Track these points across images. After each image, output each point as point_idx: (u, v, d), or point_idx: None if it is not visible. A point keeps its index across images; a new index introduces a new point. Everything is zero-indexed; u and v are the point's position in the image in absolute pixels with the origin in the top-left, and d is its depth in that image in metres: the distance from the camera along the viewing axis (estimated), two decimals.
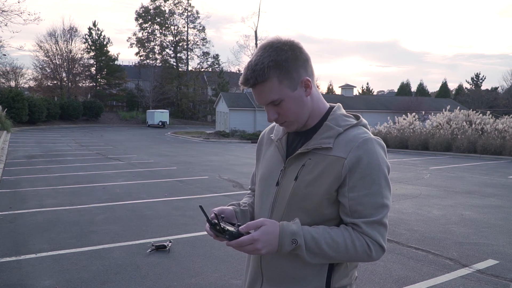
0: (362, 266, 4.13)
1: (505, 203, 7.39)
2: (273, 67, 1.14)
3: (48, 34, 50.69)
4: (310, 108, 1.24)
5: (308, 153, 1.22)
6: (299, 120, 1.22)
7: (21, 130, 30.00)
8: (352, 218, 1.16)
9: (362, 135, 1.19)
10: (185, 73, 59.64)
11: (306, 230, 1.14)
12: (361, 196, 1.15)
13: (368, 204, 1.15)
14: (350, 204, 1.16)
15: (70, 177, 9.61)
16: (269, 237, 1.11)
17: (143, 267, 3.99)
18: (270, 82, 1.15)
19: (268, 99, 1.17)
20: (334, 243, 1.13)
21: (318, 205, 1.19)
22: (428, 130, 20.03)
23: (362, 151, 1.15)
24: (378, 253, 1.16)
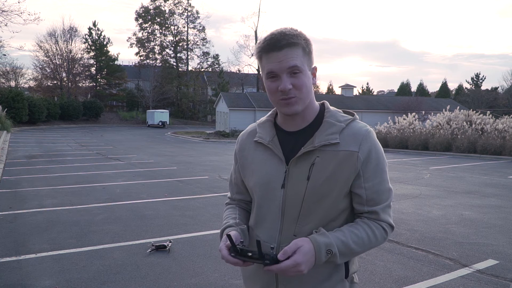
0: (362, 266, 4.13)
1: (505, 203, 7.39)
2: (303, 39, 1.20)
3: (48, 34, 50.69)
4: (312, 97, 1.26)
5: (314, 152, 1.21)
6: (304, 101, 1.22)
7: (21, 130, 30.00)
8: (369, 207, 1.24)
9: (364, 128, 1.25)
10: (185, 73, 59.62)
11: (334, 237, 1.17)
12: (375, 184, 1.23)
13: (381, 191, 1.24)
14: (366, 194, 1.23)
15: (70, 177, 9.61)
16: (308, 256, 1.12)
17: (143, 267, 3.99)
18: (298, 49, 1.18)
19: (293, 63, 1.16)
20: (359, 239, 1.20)
21: (335, 201, 1.23)
22: (428, 130, 20.03)
23: (369, 142, 1.22)
24: (390, 233, 1.27)
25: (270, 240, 1.26)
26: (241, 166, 1.39)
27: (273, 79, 1.19)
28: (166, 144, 22.59)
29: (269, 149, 1.29)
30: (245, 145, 1.39)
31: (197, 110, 59.86)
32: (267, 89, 1.23)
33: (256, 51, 1.22)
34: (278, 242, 1.25)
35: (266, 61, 1.19)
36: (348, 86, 39.75)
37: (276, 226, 1.26)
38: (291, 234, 1.23)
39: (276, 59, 1.16)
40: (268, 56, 1.18)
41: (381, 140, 21.06)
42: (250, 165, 1.34)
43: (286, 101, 1.19)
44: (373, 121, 29.77)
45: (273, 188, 1.26)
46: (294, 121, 1.27)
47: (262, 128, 1.34)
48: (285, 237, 1.24)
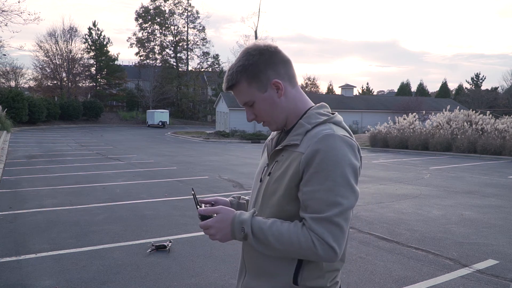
0: (362, 266, 4.13)
1: (505, 203, 7.39)
2: (240, 71, 1.25)
3: (48, 34, 50.74)
4: (286, 108, 1.29)
5: (281, 151, 1.27)
6: (275, 120, 1.30)
7: (21, 130, 30.01)
8: (304, 213, 1.16)
9: (324, 131, 1.19)
10: (185, 73, 59.64)
11: (256, 221, 1.18)
12: (314, 191, 1.14)
13: (319, 200, 1.13)
14: (303, 199, 1.16)
15: (70, 177, 9.61)
16: (222, 225, 1.20)
17: (143, 267, 4.00)
18: (240, 85, 1.26)
19: (241, 101, 1.29)
20: (280, 235, 1.14)
21: (281, 201, 1.21)
22: (428, 130, 20.02)
23: (319, 146, 1.15)
24: (326, 253, 1.12)
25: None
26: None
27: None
28: (166, 144, 22.60)
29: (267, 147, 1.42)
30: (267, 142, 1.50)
31: (197, 110, 59.88)
32: None
33: None
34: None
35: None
36: (348, 86, 39.78)
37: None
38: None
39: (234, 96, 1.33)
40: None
41: (381, 140, 21.07)
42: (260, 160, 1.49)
43: (263, 125, 1.34)
44: (373, 121, 29.78)
45: (257, 181, 1.37)
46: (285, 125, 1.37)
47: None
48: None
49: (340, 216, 1.12)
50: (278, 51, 1.28)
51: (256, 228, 1.17)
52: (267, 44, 1.28)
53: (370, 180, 9.85)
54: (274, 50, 1.27)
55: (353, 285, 3.68)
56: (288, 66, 1.30)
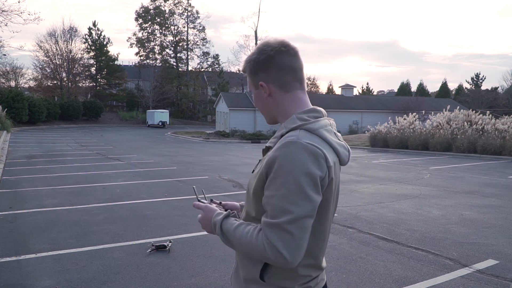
0: (362, 266, 4.13)
1: (505, 203, 7.39)
2: (247, 63, 1.35)
3: (48, 34, 50.73)
4: (274, 109, 1.34)
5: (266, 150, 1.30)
6: (265, 115, 1.39)
7: (21, 130, 30.01)
8: (263, 216, 1.18)
9: (288, 138, 1.18)
10: (185, 73, 59.63)
11: (226, 222, 1.28)
12: (270, 196, 1.16)
13: (273, 205, 1.14)
14: (263, 202, 1.19)
15: (70, 177, 9.61)
16: (205, 222, 1.37)
17: (143, 267, 4.00)
18: (247, 75, 1.37)
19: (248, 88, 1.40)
20: (240, 238, 1.21)
21: (254, 199, 1.26)
22: (428, 130, 20.01)
23: (279, 152, 1.16)
24: (276, 258, 1.13)
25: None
26: None
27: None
28: (166, 144, 22.60)
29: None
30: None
31: (197, 110, 59.88)
32: None
33: None
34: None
35: None
36: (348, 86, 39.77)
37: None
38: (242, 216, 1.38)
39: None
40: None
41: (381, 140, 21.08)
42: None
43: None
44: (373, 121, 29.78)
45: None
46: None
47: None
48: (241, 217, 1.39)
49: (292, 224, 1.12)
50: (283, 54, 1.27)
51: (224, 229, 1.26)
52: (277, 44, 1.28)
53: (370, 180, 9.85)
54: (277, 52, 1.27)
55: (353, 285, 3.68)
56: (285, 72, 1.28)
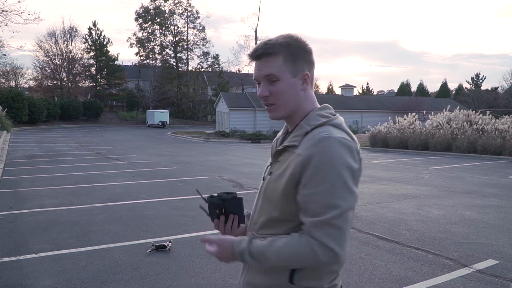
0: (362, 266, 4.13)
1: (505, 203, 7.39)
2: (284, 46, 1.24)
3: (48, 34, 50.72)
4: (300, 103, 1.29)
5: (282, 151, 1.29)
6: (286, 107, 1.27)
7: (21, 130, 30.01)
8: (303, 217, 1.17)
9: (321, 134, 1.19)
10: (185, 73, 59.61)
11: (254, 246, 1.21)
12: (311, 194, 1.14)
13: (317, 203, 1.13)
14: (301, 202, 1.17)
15: (70, 177, 9.61)
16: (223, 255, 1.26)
17: (143, 267, 4.00)
18: (275, 57, 1.23)
19: (267, 72, 1.23)
20: (278, 253, 1.17)
21: (280, 200, 1.23)
22: (428, 130, 20.01)
23: (316, 148, 1.16)
24: (328, 257, 1.12)
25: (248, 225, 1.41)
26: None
27: (258, 86, 1.28)
28: (166, 144, 22.60)
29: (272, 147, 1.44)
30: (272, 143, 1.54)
31: (197, 110, 59.86)
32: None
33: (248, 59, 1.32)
34: (247, 226, 1.40)
35: (253, 68, 1.28)
36: (348, 86, 39.76)
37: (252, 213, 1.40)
38: (254, 221, 1.34)
39: (256, 67, 1.26)
40: (254, 64, 1.28)
41: (381, 140, 21.07)
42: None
43: (267, 108, 1.29)
44: (373, 121, 29.77)
45: (261, 180, 1.40)
46: (288, 123, 1.36)
47: (282, 129, 1.45)
48: (251, 223, 1.36)
49: (340, 218, 1.12)
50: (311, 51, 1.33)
51: (256, 254, 1.20)
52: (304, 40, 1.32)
53: (370, 180, 9.85)
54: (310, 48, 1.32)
55: (353, 285, 3.68)
56: (314, 69, 1.34)
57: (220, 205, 1.34)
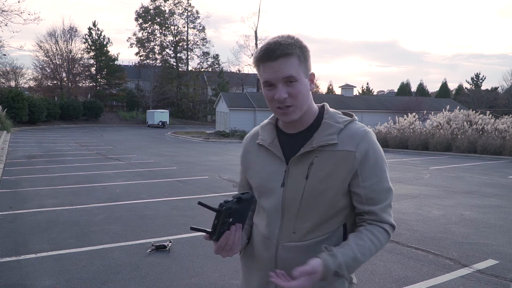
0: (362, 266, 4.13)
1: (505, 203, 7.39)
2: (298, 47, 1.23)
3: (48, 34, 50.81)
4: (310, 103, 1.29)
5: (313, 152, 1.26)
6: (302, 107, 1.25)
7: (21, 130, 30.01)
8: (368, 206, 1.26)
9: (362, 129, 1.27)
10: (185, 73, 59.62)
11: (343, 257, 1.18)
12: (374, 184, 1.25)
13: (380, 190, 1.26)
14: (365, 193, 1.25)
15: (70, 177, 9.61)
16: (315, 281, 1.15)
17: (143, 267, 4.00)
18: (293, 58, 1.21)
19: (287, 73, 1.19)
20: (366, 250, 1.23)
21: (333, 199, 1.25)
22: (428, 130, 20.02)
23: (367, 142, 1.25)
24: (392, 233, 1.31)
25: (271, 236, 1.31)
26: (246, 168, 1.44)
27: (270, 88, 1.23)
28: (166, 144, 22.59)
29: (270, 151, 1.34)
30: (249, 147, 1.44)
31: (197, 110, 59.87)
32: (265, 96, 1.26)
33: (253, 61, 1.26)
34: (278, 238, 1.30)
35: (263, 70, 1.22)
36: (348, 86, 39.77)
37: (276, 223, 1.31)
38: (290, 231, 1.28)
39: (272, 69, 1.20)
40: (265, 65, 1.21)
41: (381, 140, 21.07)
42: (254, 166, 1.40)
43: (283, 110, 1.24)
44: (373, 121, 29.77)
45: (274, 187, 1.31)
46: (293, 124, 1.31)
47: (264, 130, 1.39)
48: (284, 233, 1.29)
49: (392, 197, 1.31)
50: None
51: (349, 264, 1.19)
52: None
53: None
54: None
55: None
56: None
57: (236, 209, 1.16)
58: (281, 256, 1.29)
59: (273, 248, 1.30)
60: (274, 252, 1.30)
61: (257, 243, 1.37)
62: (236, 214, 1.17)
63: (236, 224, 1.19)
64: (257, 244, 1.37)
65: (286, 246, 1.28)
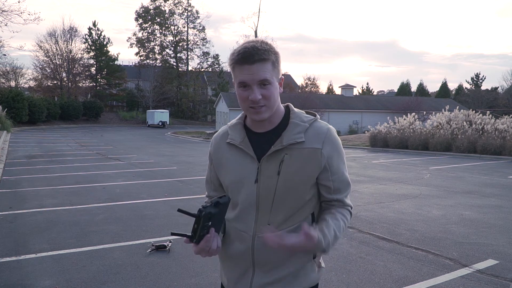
0: (362, 266, 4.13)
1: (505, 203, 7.39)
2: (272, 53, 1.33)
3: (48, 34, 50.76)
4: (278, 104, 1.39)
5: (283, 150, 1.36)
6: (272, 108, 1.35)
7: (21, 130, 30.00)
8: (336, 195, 1.43)
9: (325, 127, 1.41)
10: (185, 73, 59.61)
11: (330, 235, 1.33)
12: (340, 176, 1.41)
13: (344, 181, 1.43)
14: (334, 185, 1.41)
15: (70, 177, 9.61)
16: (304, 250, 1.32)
17: (143, 267, 4.00)
18: (268, 63, 1.31)
19: (262, 76, 1.29)
20: (342, 229, 1.39)
21: (303, 192, 1.38)
22: (428, 130, 20.01)
23: (331, 140, 1.39)
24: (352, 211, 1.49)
25: (247, 229, 1.41)
26: (216, 166, 1.53)
27: (245, 89, 1.32)
28: (166, 144, 22.60)
29: (241, 149, 1.42)
30: (219, 146, 1.52)
31: (197, 110, 59.85)
32: (238, 96, 1.35)
33: (230, 62, 1.34)
34: (254, 231, 1.40)
35: (239, 72, 1.32)
36: (348, 86, 39.79)
37: (251, 217, 1.40)
38: (265, 223, 1.38)
39: (249, 71, 1.29)
40: (241, 67, 1.31)
41: (381, 140, 21.10)
42: (225, 164, 1.47)
43: (256, 110, 1.33)
44: (373, 121, 29.78)
45: (247, 183, 1.39)
46: (262, 124, 1.40)
47: (233, 130, 1.47)
48: (259, 226, 1.39)
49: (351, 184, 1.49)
50: None
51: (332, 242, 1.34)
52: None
53: (370, 180, 9.85)
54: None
55: (353, 285, 3.68)
56: None
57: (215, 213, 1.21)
58: (257, 247, 1.38)
59: (249, 240, 1.39)
60: (251, 244, 1.39)
61: (233, 236, 1.44)
62: (214, 218, 1.22)
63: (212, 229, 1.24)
64: (233, 238, 1.44)
65: (261, 237, 1.36)
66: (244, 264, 1.43)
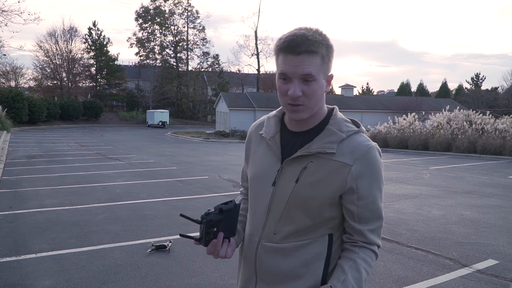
0: None
1: (505, 203, 7.39)
2: (324, 46, 1.16)
3: (48, 34, 50.70)
4: (321, 104, 1.23)
5: (309, 156, 1.21)
6: (312, 109, 1.20)
7: (21, 130, 30.00)
8: (360, 224, 1.22)
9: (366, 143, 1.22)
10: (185, 73, 59.60)
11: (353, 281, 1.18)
12: (368, 203, 1.21)
13: (374, 210, 1.22)
14: (358, 211, 1.21)
15: (70, 177, 9.61)
16: None
17: (143, 267, 4.00)
18: (316, 57, 1.14)
19: (306, 71, 1.13)
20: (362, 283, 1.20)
21: (320, 207, 1.21)
22: (428, 130, 20.02)
23: (367, 159, 1.19)
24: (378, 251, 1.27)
25: (254, 233, 1.30)
26: (246, 156, 1.44)
27: (285, 81, 1.17)
28: (166, 144, 22.59)
29: (269, 146, 1.31)
30: (252, 136, 1.41)
31: (197, 110, 59.84)
32: (278, 88, 1.20)
33: (275, 48, 1.19)
34: (260, 236, 1.28)
35: (282, 61, 1.16)
36: (348, 86, 39.75)
37: (261, 221, 1.29)
38: (271, 231, 1.26)
39: (292, 63, 1.13)
40: (285, 57, 1.15)
41: (381, 140, 21.08)
42: (252, 157, 1.38)
43: (293, 108, 1.18)
44: (373, 121, 29.76)
45: (265, 184, 1.28)
46: (298, 123, 1.26)
47: (269, 122, 1.34)
48: (266, 233, 1.27)
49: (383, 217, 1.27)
50: None
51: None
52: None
53: None
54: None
55: None
56: None
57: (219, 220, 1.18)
58: (259, 254, 1.28)
59: (254, 246, 1.29)
60: (255, 250, 1.29)
61: (245, 238, 1.36)
62: (220, 224, 1.18)
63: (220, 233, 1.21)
64: (245, 240, 1.37)
65: (265, 245, 1.26)
66: (248, 270, 1.33)
